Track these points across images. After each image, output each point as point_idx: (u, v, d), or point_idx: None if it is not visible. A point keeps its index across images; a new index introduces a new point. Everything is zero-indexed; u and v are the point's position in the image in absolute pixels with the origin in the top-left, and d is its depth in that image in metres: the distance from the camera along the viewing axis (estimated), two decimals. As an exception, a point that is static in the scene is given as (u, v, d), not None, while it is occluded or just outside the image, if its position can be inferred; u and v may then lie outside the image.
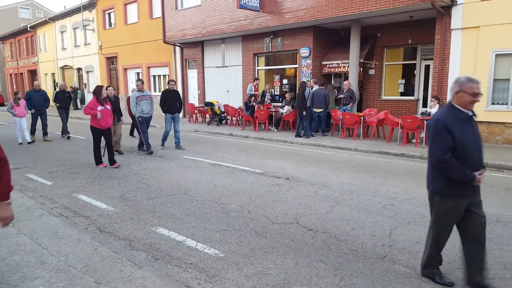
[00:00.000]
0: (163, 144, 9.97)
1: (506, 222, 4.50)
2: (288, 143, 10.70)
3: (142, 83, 9.23)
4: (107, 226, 4.50)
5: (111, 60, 23.00)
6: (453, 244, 3.60)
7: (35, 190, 6.08)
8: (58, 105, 11.95)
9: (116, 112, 8.98)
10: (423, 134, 9.58)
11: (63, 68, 27.89)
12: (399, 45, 12.49)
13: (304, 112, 10.85)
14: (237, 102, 15.63)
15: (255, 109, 13.03)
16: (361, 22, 11.65)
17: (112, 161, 7.68)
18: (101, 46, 22.98)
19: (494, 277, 3.22)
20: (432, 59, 11.03)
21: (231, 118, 14.86)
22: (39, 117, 11.30)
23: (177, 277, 3.31)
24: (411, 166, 7.59)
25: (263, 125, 13.13)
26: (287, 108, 12.82)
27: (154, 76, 20.33)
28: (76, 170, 7.46)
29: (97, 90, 7.56)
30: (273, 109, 13.43)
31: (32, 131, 11.29)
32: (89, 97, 25.12)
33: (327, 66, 13.08)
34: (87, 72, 25.09)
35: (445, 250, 3.27)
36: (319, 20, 11.77)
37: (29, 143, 10.86)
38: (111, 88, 9.23)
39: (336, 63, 12.83)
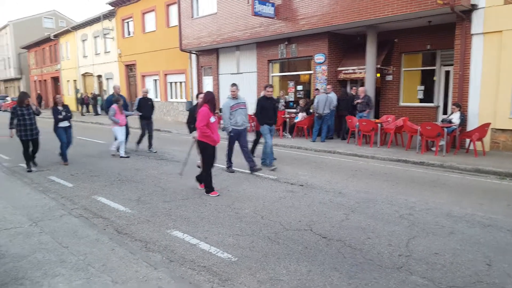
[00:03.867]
0: (268, 163, 7.93)
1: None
2: (302, 149, 10.63)
3: (237, 88, 7.64)
4: (124, 228, 4.58)
5: (129, 68, 23.52)
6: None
7: (56, 192, 6.27)
8: (140, 114, 10.21)
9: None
10: (443, 142, 9.33)
11: (84, 75, 28.71)
12: (417, 51, 12.29)
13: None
14: (251, 108, 15.59)
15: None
16: (377, 27, 11.54)
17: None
18: (120, 54, 23.55)
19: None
20: (452, 64, 10.79)
21: (247, 124, 14.85)
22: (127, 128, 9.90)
23: (191, 279, 3.32)
24: (430, 175, 7.40)
25: (277, 132, 13.10)
26: (301, 115, 12.77)
27: (171, 83, 20.65)
28: (96, 173, 7.62)
29: (211, 97, 5.90)
30: (287, 116, 13.40)
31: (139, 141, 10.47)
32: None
33: (343, 72, 12.98)
34: (107, 79, 25.74)
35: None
36: (334, 26, 11.71)
37: (122, 157, 9.46)
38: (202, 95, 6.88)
39: (352, 69, 12.73)
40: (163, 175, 7.46)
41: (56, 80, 33.62)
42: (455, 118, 9.46)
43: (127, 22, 22.98)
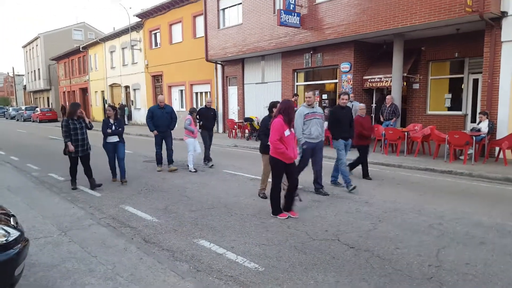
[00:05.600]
0: (349, 184, 6.73)
1: None
2: (327, 158, 10.53)
3: (314, 93, 6.67)
4: (151, 237, 4.65)
5: (156, 78, 24.11)
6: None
7: (85, 201, 6.41)
8: (201, 124, 9.61)
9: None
10: (471, 151, 9.07)
11: (112, 86, 29.66)
12: (445, 59, 12.04)
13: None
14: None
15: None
16: (404, 36, 11.41)
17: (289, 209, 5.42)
18: (147, 65, 24.22)
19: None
20: (480, 72, 10.51)
21: (270, 133, 14.91)
22: (163, 140, 9.01)
23: (218, 289, 3.36)
24: (459, 184, 7.20)
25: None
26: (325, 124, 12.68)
27: (196, 93, 21.04)
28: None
29: (286, 107, 5.10)
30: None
31: (160, 159, 9.10)
32: (137, 114, 26.42)
33: (369, 80, 12.87)
34: (134, 89, 26.45)
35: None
36: (360, 35, 11.68)
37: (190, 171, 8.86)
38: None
39: (378, 78, 12.60)
40: (188, 184, 7.58)
41: (84, 91, 34.82)
42: (484, 126, 9.22)
43: (154, 34, 23.62)
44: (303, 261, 3.86)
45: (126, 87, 27.49)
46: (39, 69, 44.76)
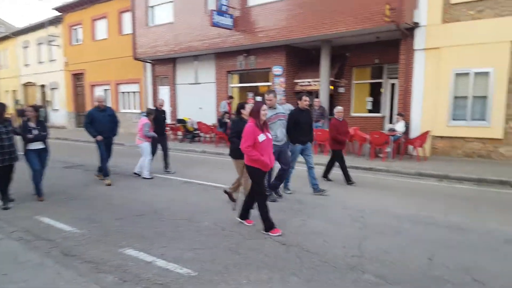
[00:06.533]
0: (286, 187, 6.75)
1: (467, 230, 4.72)
2: (301, 163, 10.69)
3: (275, 95, 6.16)
4: (71, 249, 4.27)
5: (77, 77, 22.42)
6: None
7: (-8, 213, 5.65)
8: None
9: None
10: (389, 149, 9.91)
11: (25, 85, 26.87)
12: (366, 65, 13.00)
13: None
14: (210, 119, 15.58)
15: (229, 126, 13.02)
16: (331, 42, 12.06)
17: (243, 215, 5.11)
18: (67, 62, 22.42)
19: (456, 282, 3.34)
20: (397, 78, 11.54)
21: (204, 135, 14.78)
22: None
23: (147, 298, 3.19)
24: (379, 179, 7.80)
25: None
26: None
27: (123, 93, 19.99)
28: (38, 191, 7.05)
29: (255, 108, 4.68)
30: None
31: (106, 170, 7.74)
32: (55, 116, 24.34)
33: (299, 84, 13.37)
34: (52, 89, 24.31)
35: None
36: (291, 39, 12.09)
37: (144, 178, 8.14)
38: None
39: (307, 81, 13.14)
40: (114, 190, 7.12)
41: (-6, 90, 31.15)
42: (399, 126, 10.17)
43: (75, 29, 21.98)
44: (237, 261, 3.84)
45: (43, 86, 25.13)
46: None
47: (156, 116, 8.61)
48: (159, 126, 8.69)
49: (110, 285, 3.40)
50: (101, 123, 7.51)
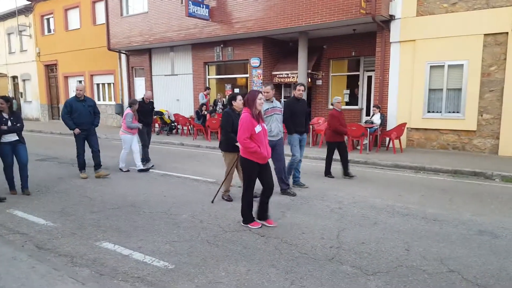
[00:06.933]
0: (288, 182, 6.30)
1: (442, 220, 4.84)
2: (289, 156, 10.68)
3: (272, 88, 5.99)
4: (46, 243, 4.17)
5: (50, 68, 21.68)
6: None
7: (-41, 208, 5.43)
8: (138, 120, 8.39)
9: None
10: (366, 141, 10.08)
11: (-5, 76, 25.75)
12: (343, 57, 13.13)
13: None
14: (188, 111, 15.42)
15: (207, 118, 12.93)
16: (308, 34, 12.09)
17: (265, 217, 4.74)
18: (39, 53, 21.60)
19: (432, 272, 3.43)
20: (373, 70, 11.71)
21: (182, 127, 14.61)
22: (85, 141, 7.42)
23: (124, 292, 3.14)
24: (357, 171, 7.91)
25: (215, 134, 13.05)
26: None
27: (98, 85, 19.47)
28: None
29: (251, 97, 4.44)
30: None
31: (82, 164, 7.48)
32: (27, 108, 23.48)
33: (277, 76, 13.37)
34: (24, 80, 23.41)
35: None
36: (268, 31, 12.03)
37: (140, 170, 7.97)
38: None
39: (285, 74, 13.16)
40: (90, 183, 6.96)
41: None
42: (376, 119, 10.36)
43: (47, 19, 21.17)
44: (215, 254, 3.83)
45: (14, 78, 24.17)
46: None
47: (144, 108, 8.58)
48: (147, 118, 8.69)
49: (86, 279, 3.33)
50: (81, 114, 7.15)
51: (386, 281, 3.26)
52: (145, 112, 8.66)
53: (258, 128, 4.36)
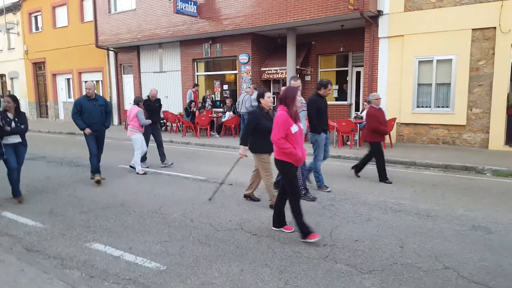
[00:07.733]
0: (306, 185, 5.93)
1: (435, 216, 4.85)
2: (230, 148, 10.67)
3: (296, 79, 5.80)
4: (35, 245, 4.09)
5: (38, 66, 21.37)
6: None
7: None
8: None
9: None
10: (356, 137, 10.12)
11: (-19, 74, 25.21)
12: (332, 53, 13.15)
13: None
14: (177, 108, 15.30)
15: (196, 115, 12.85)
16: (296, 30, 12.06)
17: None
18: (27, 51, 21.25)
19: (427, 269, 3.43)
20: (362, 66, 11.75)
21: (171, 124, 14.51)
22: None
23: (115, 295, 3.09)
24: (347, 167, 7.92)
25: (204, 131, 12.98)
26: (228, 114, 12.86)
27: (86, 82, 19.18)
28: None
29: (290, 96, 4.07)
30: (215, 115, 13.37)
31: (97, 166, 6.89)
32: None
33: (266, 72, 13.33)
34: (11, 78, 23.06)
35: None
36: (257, 27, 11.98)
37: (132, 167, 7.71)
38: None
39: (274, 70, 13.13)
40: (79, 183, 6.84)
41: None
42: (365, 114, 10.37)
43: (35, 16, 20.88)
44: (208, 254, 3.79)
45: (2, 76, 23.79)
46: None
47: (151, 106, 8.29)
48: (153, 116, 8.29)
49: (77, 282, 3.27)
50: (91, 114, 6.67)
51: (381, 279, 3.24)
52: (152, 111, 8.34)
53: (294, 128, 3.99)
